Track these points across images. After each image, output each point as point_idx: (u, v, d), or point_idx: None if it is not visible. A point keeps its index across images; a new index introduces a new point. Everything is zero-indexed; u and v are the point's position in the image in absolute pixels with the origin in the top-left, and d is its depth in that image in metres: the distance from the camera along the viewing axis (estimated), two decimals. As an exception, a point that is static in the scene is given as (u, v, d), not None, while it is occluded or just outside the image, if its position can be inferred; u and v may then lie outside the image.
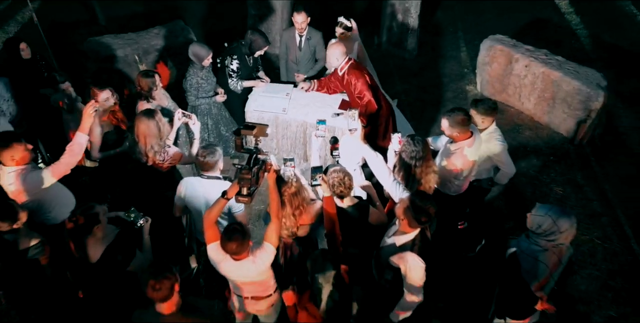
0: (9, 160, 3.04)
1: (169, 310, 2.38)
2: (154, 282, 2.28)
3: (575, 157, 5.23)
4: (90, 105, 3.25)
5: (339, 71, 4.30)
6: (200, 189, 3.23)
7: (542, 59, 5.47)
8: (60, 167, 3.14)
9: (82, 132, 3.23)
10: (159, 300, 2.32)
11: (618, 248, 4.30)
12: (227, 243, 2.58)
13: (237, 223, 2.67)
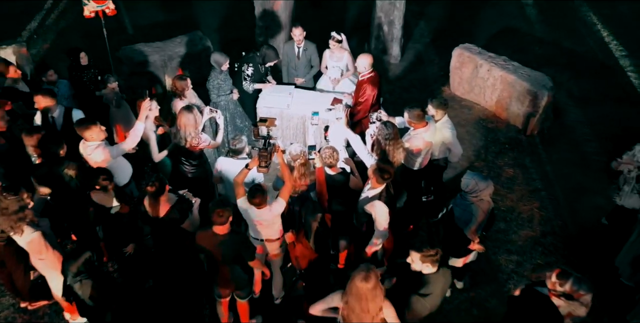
0: (89, 138, 4.25)
1: (223, 232, 3.58)
2: (220, 210, 3.46)
3: (526, 145, 6.44)
4: (146, 101, 4.46)
5: (360, 77, 5.46)
6: (232, 167, 4.42)
7: (501, 64, 6.69)
8: (124, 146, 4.36)
9: (140, 121, 4.44)
10: (219, 223, 3.51)
11: (551, 215, 5.50)
12: (252, 198, 3.78)
13: (259, 185, 3.88)
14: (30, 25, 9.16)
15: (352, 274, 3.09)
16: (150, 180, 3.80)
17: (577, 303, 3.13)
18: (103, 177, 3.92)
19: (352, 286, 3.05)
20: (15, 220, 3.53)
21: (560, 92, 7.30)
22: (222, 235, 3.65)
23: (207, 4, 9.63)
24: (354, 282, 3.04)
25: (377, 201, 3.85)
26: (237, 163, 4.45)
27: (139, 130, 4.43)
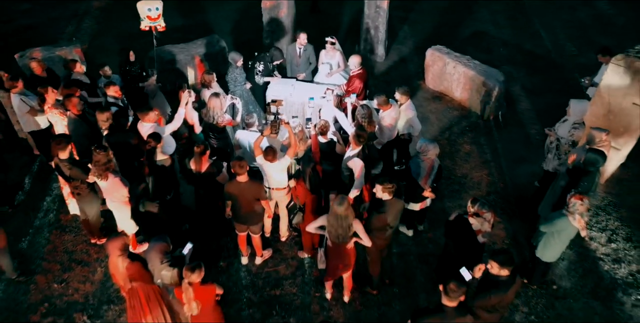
0: (146, 120, 5.95)
1: (244, 180, 5.25)
2: (241, 163, 5.14)
3: (483, 128, 8.14)
4: (185, 91, 6.17)
5: (351, 72, 7.17)
6: (247, 136, 6.14)
7: (464, 62, 8.39)
8: (170, 127, 6.06)
9: (181, 108, 6.14)
10: (240, 173, 5.17)
11: (496, 180, 7.19)
12: (266, 155, 5.46)
13: (270, 146, 5.56)
14: (68, 29, 10.90)
15: (332, 201, 4.78)
16: (197, 144, 5.50)
17: (482, 219, 4.81)
18: (150, 140, 5.58)
19: (332, 208, 4.75)
20: (104, 169, 5.23)
21: (515, 85, 9.06)
22: (243, 183, 5.33)
23: (220, 11, 11.39)
24: (333, 206, 4.74)
25: (355, 158, 5.55)
26: (250, 134, 6.16)
27: (181, 114, 6.14)
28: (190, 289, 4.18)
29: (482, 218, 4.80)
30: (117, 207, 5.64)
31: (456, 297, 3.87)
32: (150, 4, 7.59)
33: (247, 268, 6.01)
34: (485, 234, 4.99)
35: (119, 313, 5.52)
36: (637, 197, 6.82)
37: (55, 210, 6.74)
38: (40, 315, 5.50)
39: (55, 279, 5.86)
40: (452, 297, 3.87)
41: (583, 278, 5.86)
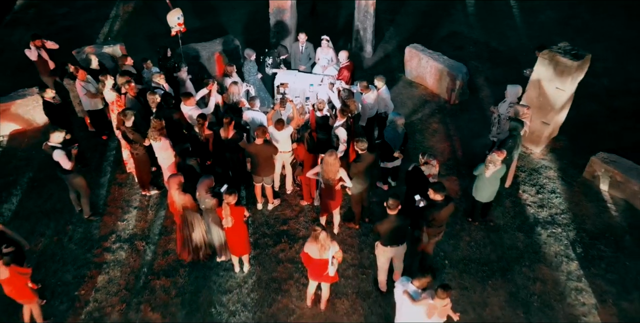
0: (188, 104, 8.16)
1: (260, 142, 7.43)
2: (262, 128, 7.34)
3: (449, 110, 10.34)
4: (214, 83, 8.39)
5: (341, 65, 9.37)
6: (252, 114, 8.33)
7: (435, 58, 10.60)
8: (206, 110, 8.27)
9: (212, 96, 8.35)
10: (260, 136, 7.36)
11: (456, 150, 9.39)
12: (277, 124, 7.66)
13: (280, 118, 7.76)
14: (102, 30, 13.15)
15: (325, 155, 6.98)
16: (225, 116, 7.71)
17: (430, 165, 6.99)
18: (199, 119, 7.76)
19: (324, 158, 6.94)
20: (158, 133, 7.44)
21: (480, 77, 11.27)
22: (260, 145, 7.52)
23: (231, 14, 13.63)
24: (325, 157, 6.93)
25: (340, 127, 7.76)
26: (255, 112, 8.33)
27: (213, 101, 8.39)
28: (228, 208, 6.38)
29: (430, 165, 7.00)
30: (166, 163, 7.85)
31: (394, 207, 6.08)
32: (177, 14, 9.82)
33: (262, 211, 8.21)
34: (434, 176, 7.17)
35: (167, 241, 7.73)
36: (564, 161, 9.02)
37: (111, 172, 8.96)
38: (110, 242, 7.71)
39: (118, 219, 8.08)
40: (391, 208, 6.09)
41: (513, 218, 8.06)
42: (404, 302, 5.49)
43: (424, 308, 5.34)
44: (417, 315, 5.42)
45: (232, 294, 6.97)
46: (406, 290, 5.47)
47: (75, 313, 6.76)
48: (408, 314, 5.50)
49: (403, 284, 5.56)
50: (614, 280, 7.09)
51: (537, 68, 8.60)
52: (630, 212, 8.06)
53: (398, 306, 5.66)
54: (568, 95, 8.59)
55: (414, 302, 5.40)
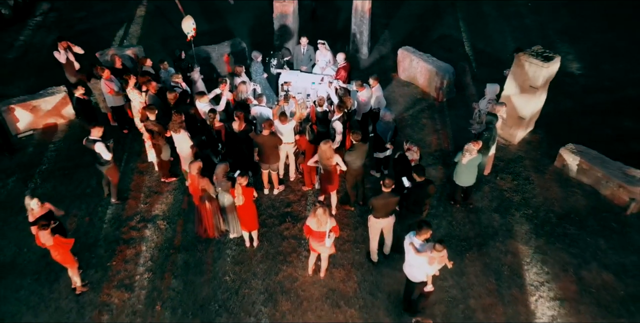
0: (202, 101, 9.31)
1: (267, 134, 8.57)
2: (269, 121, 8.48)
3: (437, 107, 11.50)
4: (225, 83, 9.55)
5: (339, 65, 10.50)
6: (259, 110, 9.48)
7: (424, 59, 11.75)
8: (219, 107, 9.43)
9: (224, 96, 9.50)
10: (267, 128, 8.50)
11: (442, 141, 10.53)
12: (281, 116, 8.82)
13: (283, 112, 8.91)
14: (118, 33, 14.31)
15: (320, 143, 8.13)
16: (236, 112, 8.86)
17: (412, 151, 8.13)
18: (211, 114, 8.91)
19: (319, 147, 8.08)
20: (178, 126, 8.58)
21: (467, 76, 12.42)
22: (267, 136, 8.67)
23: (237, 18, 14.78)
24: (320, 145, 8.07)
25: (337, 121, 8.91)
26: (262, 108, 9.48)
27: (224, 99, 9.52)
28: (240, 188, 7.53)
29: (412, 151, 8.14)
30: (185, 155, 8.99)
31: (389, 186, 7.22)
32: (191, 20, 10.97)
33: (269, 196, 9.36)
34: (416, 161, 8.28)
35: (185, 221, 8.87)
36: (538, 152, 10.16)
37: (132, 161, 10.11)
38: (135, 222, 8.87)
39: (141, 202, 9.23)
40: (386, 186, 7.23)
41: (490, 201, 9.20)
42: (410, 252, 6.68)
43: (426, 258, 6.53)
44: (421, 262, 6.66)
45: (244, 265, 8.12)
46: (412, 242, 6.65)
47: (108, 280, 7.91)
48: (414, 260, 6.76)
49: (410, 238, 6.77)
50: (576, 253, 8.23)
51: (514, 68, 9.75)
52: (594, 196, 9.20)
53: (406, 254, 6.89)
54: (541, 93, 9.73)
55: (417, 253, 6.62)
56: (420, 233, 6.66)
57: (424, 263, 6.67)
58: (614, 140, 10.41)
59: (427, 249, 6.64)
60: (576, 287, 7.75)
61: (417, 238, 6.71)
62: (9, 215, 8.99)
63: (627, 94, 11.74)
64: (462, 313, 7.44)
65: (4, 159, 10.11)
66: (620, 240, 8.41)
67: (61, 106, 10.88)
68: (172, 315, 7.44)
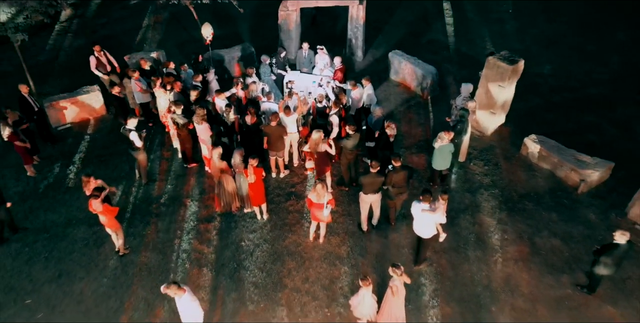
0: (219, 97, 11.22)
1: (274, 124, 10.48)
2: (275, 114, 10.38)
3: (422, 104, 13.42)
4: (239, 84, 11.47)
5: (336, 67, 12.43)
6: (268, 105, 11.41)
7: (412, 62, 13.68)
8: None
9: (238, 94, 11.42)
10: (274, 121, 10.41)
11: (425, 134, 12.43)
12: (286, 109, 10.72)
13: (287, 106, 10.81)
14: (138, 38, 16.23)
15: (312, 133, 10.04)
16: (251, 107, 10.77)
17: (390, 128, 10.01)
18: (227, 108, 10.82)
19: (311, 136, 9.99)
20: (201, 118, 10.49)
21: (449, 77, 14.34)
22: (274, 126, 10.57)
23: (244, 23, 16.69)
24: (311, 135, 9.98)
25: (334, 115, 10.83)
26: (270, 103, 11.40)
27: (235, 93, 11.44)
28: (252, 168, 9.43)
29: (391, 128, 10.05)
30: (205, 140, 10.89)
31: (375, 167, 9.12)
32: (209, 27, 12.88)
33: (275, 179, 11.26)
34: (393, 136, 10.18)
35: (206, 199, 10.78)
36: (507, 142, 12.08)
37: (158, 150, 12.01)
38: (164, 200, 10.77)
39: (168, 184, 11.15)
40: (373, 167, 9.13)
41: (464, 183, 11.11)
42: (425, 215, 8.59)
43: (439, 212, 8.51)
44: (428, 219, 8.64)
45: (256, 233, 10.03)
46: (422, 208, 8.58)
47: (145, 245, 9.81)
48: (423, 219, 8.69)
49: (418, 204, 8.66)
50: (531, 224, 10.13)
51: (485, 70, 11.66)
52: (551, 178, 11.11)
53: (415, 217, 8.79)
54: (508, 91, 11.64)
55: (433, 212, 8.56)
56: (425, 199, 8.56)
57: (437, 217, 8.63)
58: (574, 132, 12.32)
59: (436, 205, 8.58)
60: (529, 250, 9.65)
61: (424, 204, 8.61)
62: (57, 194, 10.90)
63: (589, 93, 13.67)
64: (435, 270, 9.33)
65: (48, 148, 12.01)
66: (569, 214, 10.32)
67: (94, 103, 12.79)
68: (199, 271, 9.34)
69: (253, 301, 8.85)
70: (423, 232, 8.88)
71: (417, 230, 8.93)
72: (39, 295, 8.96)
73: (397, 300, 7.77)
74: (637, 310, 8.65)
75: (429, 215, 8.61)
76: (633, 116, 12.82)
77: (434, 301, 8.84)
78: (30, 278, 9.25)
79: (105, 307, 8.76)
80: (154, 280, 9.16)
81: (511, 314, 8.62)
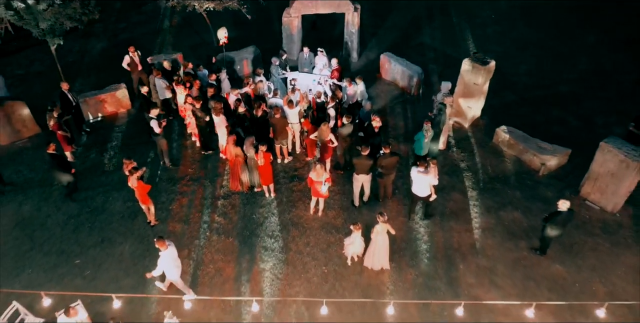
0: (233, 94, 13.34)
1: (278, 116, 12.59)
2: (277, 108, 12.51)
3: (410, 100, 15.55)
4: (250, 83, 13.60)
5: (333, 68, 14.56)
6: (275, 100, 13.54)
7: (400, 62, 15.82)
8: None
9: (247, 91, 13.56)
10: (276, 114, 12.51)
11: (411, 125, 14.54)
12: (289, 103, 12.84)
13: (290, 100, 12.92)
14: (155, 41, 18.37)
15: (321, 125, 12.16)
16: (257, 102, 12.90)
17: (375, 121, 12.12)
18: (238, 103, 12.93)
19: (320, 126, 12.11)
20: (218, 111, 12.60)
21: (434, 75, 16.46)
22: (279, 118, 12.68)
23: (253, 28, 18.83)
24: (321, 126, 12.11)
25: (331, 108, 12.95)
26: (276, 99, 13.53)
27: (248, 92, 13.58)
28: (262, 153, 11.54)
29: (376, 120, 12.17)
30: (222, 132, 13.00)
31: (365, 150, 11.23)
32: (224, 29, 15.02)
33: (281, 164, 13.38)
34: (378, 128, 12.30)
35: (222, 180, 12.90)
36: (482, 133, 14.20)
37: (179, 140, 14.13)
38: (186, 181, 12.90)
39: (188, 168, 13.28)
40: (363, 150, 11.26)
41: (442, 167, 13.21)
42: (420, 176, 10.82)
43: (433, 173, 10.81)
44: (424, 180, 10.86)
45: (265, 208, 12.14)
46: (418, 170, 10.80)
47: (171, 218, 11.93)
48: (419, 181, 10.93)
49: (415, 169, 10.90)
50: (498, 200, 12.25)
51: (462, 70, 13.78)
52: (518, 163, 13.22)
53: (413, 180, 11.02)
54: (482, 89, 13.75)
55: (427, 174, 10.78)
56: (421, 165, 10.83)
57: (430, 179, 10.88)
58: (542, 124, 14.44)
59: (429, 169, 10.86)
60: (494, 221, 11.76)
61: (420, 168, 10.84)
62: (94, 176, 13.03)
63: (558, 90, 15.79)
64: (415, 237, 11.43)
65: (83, 137, 14.14)
66: (531, 193, 12.43)
67: (121, 98, 14.91)
68: (218, 238, 11.45)
69: (264, 261, 10.97)
70: (420, 192, 11.15)
71: (415, 190, 11.20)
72: (86, 257, 11.08)
73: (381, 246, 9.96)
74: (579, 267, 10.76)
75: (424, 176, 10.87)
76: (595, 110, 14.95)
77: (413, 261, 10.95)
78: (78, 244, 11.37)
79: (142, 266, 10.87)
80: (181, 244, 11.26)
81: (476, 271, 10.73)
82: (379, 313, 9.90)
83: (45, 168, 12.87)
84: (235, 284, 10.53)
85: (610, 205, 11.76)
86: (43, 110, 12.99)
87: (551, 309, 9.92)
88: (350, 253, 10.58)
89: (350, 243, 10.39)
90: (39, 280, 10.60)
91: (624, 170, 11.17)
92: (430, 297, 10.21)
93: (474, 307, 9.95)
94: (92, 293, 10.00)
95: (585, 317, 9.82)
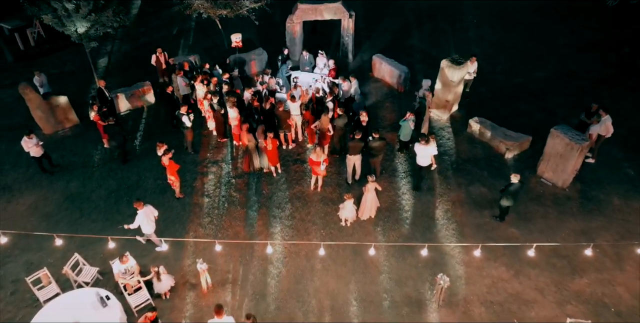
0: (248, 91, 16.15)
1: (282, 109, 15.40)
2: (281, 102, 15.32)
3: (398, 95, 18.38)
4: (258, 80, 16.44)
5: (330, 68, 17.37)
6: (280, 96, 16.37)
7: (389, 63, 18.67)
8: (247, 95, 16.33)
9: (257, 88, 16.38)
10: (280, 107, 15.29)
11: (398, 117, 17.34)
12: (292, 98, 15.65)
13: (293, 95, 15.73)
14: (173, 44, 21.22)
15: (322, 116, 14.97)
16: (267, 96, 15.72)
17: (362, 115, 14.88)
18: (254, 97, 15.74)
19: (322, 117, 14.93)
20: (232, 104, 15.41)
21: (420, 74, 19.27)
22: (282, 110, 15.49)
23: (260, 32, 21.67)
24: (321, 116, 14.92)
25: (329, 102, 15.77)
26: (283, 94, 16.37)
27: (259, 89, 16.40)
28: (270, 139, 14.35)
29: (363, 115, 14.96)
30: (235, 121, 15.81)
31: (357, 134, 14.04)
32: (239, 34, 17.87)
33: (285, 149, 16.18)
34: (365, 121, 15.10)
35: (236, 163, 15.71)
36: (459, 124, 17.01)
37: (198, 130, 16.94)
38: (205, 163, 15.73)
39: (207, 152, 16.11)
40: (356, 135, 14.07)
41: (423, 152, 15.99)
42: (422, 147, 13.68)
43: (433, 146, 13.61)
44: (425, 151, 13.74)
45: (273, 184, 14.96)
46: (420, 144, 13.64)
47: (195, 192, 14.76)
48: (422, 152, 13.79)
49: (418, 143, 13.78)
50: (468, 179, 15.05)
51: (440, 70, 16.59)
52: (487, 149, 16.03)
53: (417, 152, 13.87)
54: (457, 85, 16.55)
55: (427, 145, 13.63)
56: (422, 139, 13.67)
57: (431, 149, 13.80)
58: (511, 116, 17.25)
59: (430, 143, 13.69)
60: (464, 195, 14.56)
61: (422, 143, 13.68)
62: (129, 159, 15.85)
63: (527, 87, 18.62)
64: (397, 207, 14.23)
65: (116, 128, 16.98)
66: (497, 172, 15.23)
67: (147, 94, 17.74)
68: (234, 209, 14.26)
69: (272, 227, 13.77)
70: (423, 161, 14.08)
71: (419, 161, 14.10)
72: (127, 222, 13.86)
73: (371, 200, 13.08)
74: (531, 230, 13.56)
75: (425, 147, 13.80)
76: (557, 104, 17.76)
77: (395, 226, 13.75)
78: (119, 213, 14.19)
79: (172, 230, 13.68)
80: (203, 214, 14.05)
81: (446, 232, 13.53)
82: (366, 264, 12.71)
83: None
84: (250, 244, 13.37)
85: (560, 181, 14.57)
86: (79, 104, 15.82)
87: (504, 261, 12.72)
88: (343, 216, 13.40)
89: (342, 208, 13.23)
90: (90, 239, 13.39)
91: (569, 151, 13.96)
92: (407, 251, 13.01)
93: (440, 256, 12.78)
94: (139, 243, 12.85)
95: (527, 263, 12.62)
